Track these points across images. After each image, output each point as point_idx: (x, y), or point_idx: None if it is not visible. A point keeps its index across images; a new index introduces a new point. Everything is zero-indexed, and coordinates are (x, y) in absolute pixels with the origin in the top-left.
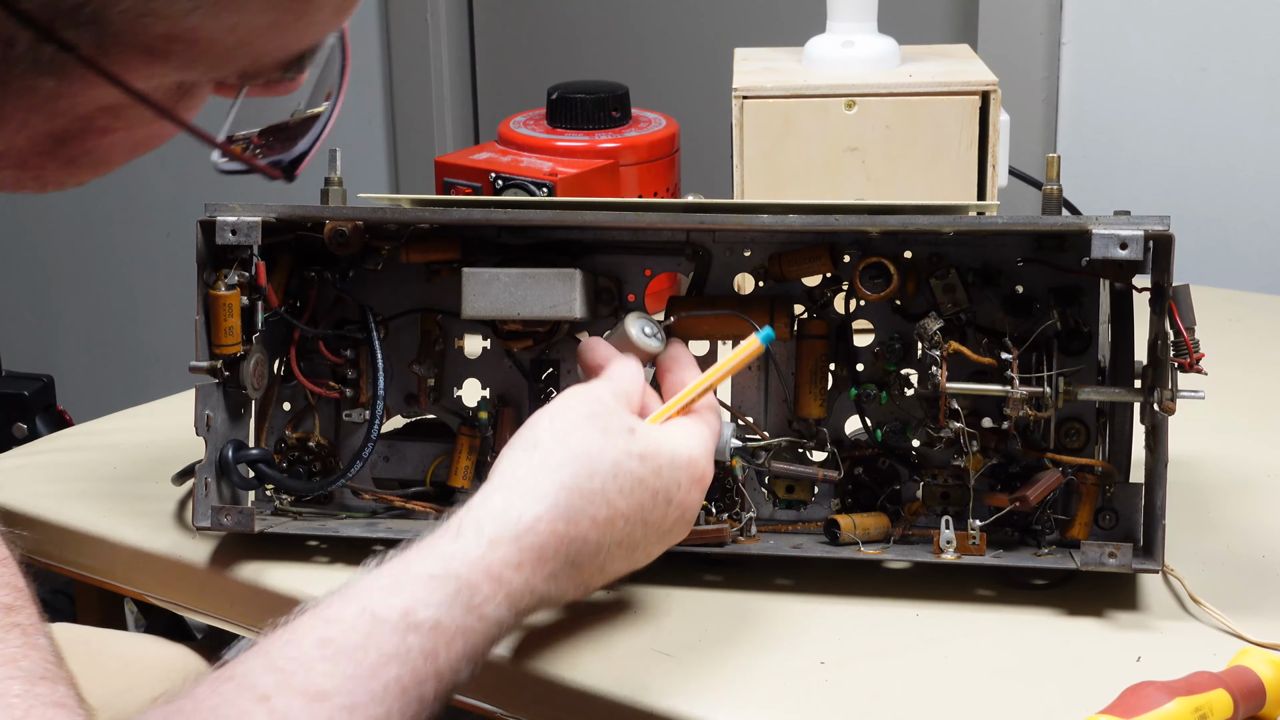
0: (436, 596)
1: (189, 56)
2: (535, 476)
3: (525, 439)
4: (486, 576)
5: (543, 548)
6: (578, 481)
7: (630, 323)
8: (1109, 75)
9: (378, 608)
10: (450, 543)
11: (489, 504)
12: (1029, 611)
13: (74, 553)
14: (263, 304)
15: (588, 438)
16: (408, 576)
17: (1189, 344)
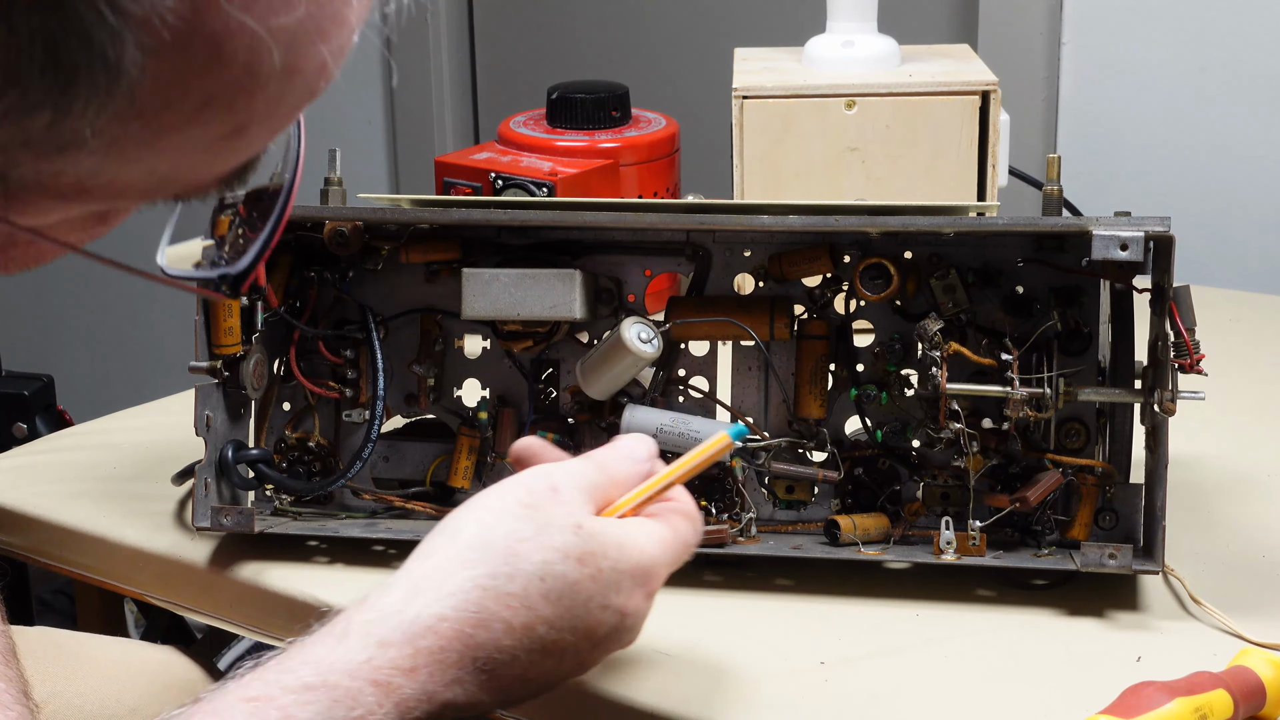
0: (307, 712)
1: (108, 197)
2: (446, 570)
3: (449, 523)
4: (372, 684)
5: (443, 651)
6: (497, 583)
7: (626, 328)
8: (1109, 75)
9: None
10: (332, 647)
11: (385, 600)
12: (1029, 612)
13: (74, 553)
14: (263, 304)
15: (518, 531)
16: (277, 689)
17: (1189, 345)
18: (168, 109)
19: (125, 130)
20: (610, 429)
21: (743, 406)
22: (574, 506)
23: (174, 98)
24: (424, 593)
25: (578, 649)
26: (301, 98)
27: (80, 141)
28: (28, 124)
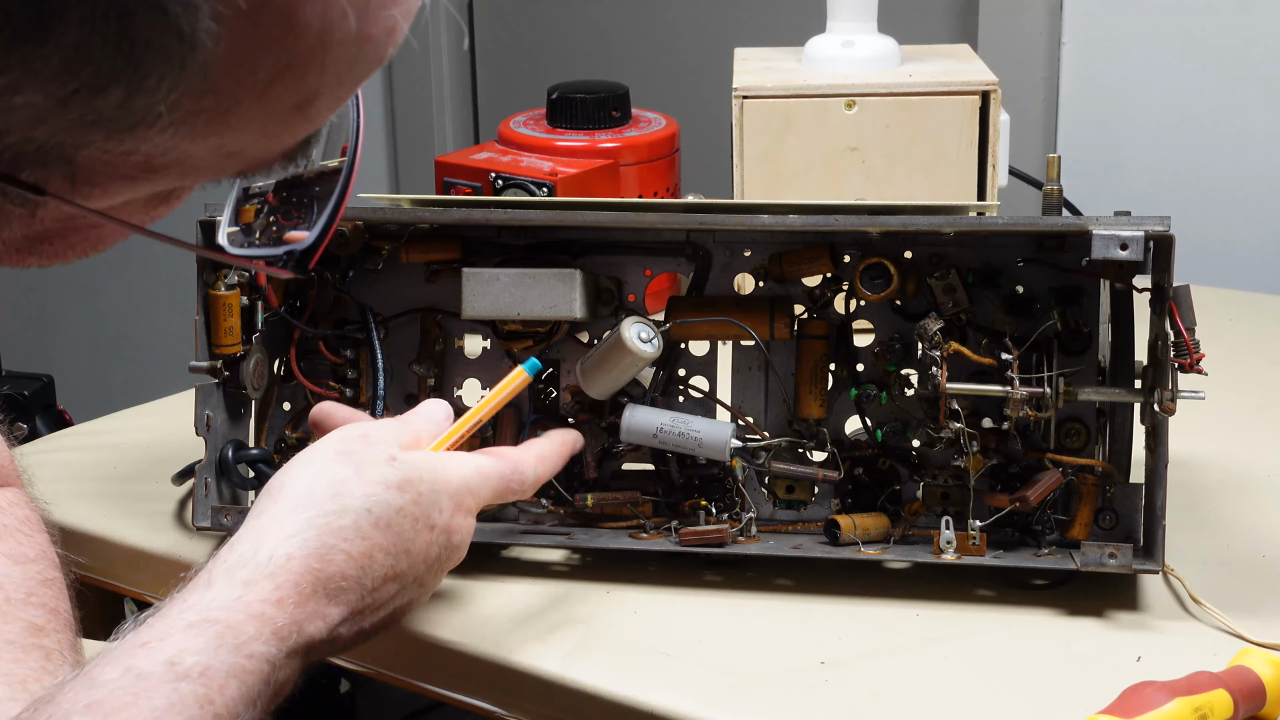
0: (199, 643)
1: (174, 176)
2: (281, 519)
3: (272, 485)
4: (248, 616)
5: (298, 584)
6: (327, 519)
7: (626, 328)
8: (1109, 75)
9: (140, 664)
10: (203, 592)
11: (236, 551)
12: (1029, 612)
13: (74, 553)
14: (263, 304)
15: (338, 474)
16: (164, 630)
17: (1189, 344)
18: (240, 81)
19: (198, 105)
20: (610, 429)
21: (743, 406)
22: (386, 446)
23: (247, 69)
24: (268, 538)
25: (414, 571)
26: (371, 64)
27: (152, 119)
28: (99, 102)
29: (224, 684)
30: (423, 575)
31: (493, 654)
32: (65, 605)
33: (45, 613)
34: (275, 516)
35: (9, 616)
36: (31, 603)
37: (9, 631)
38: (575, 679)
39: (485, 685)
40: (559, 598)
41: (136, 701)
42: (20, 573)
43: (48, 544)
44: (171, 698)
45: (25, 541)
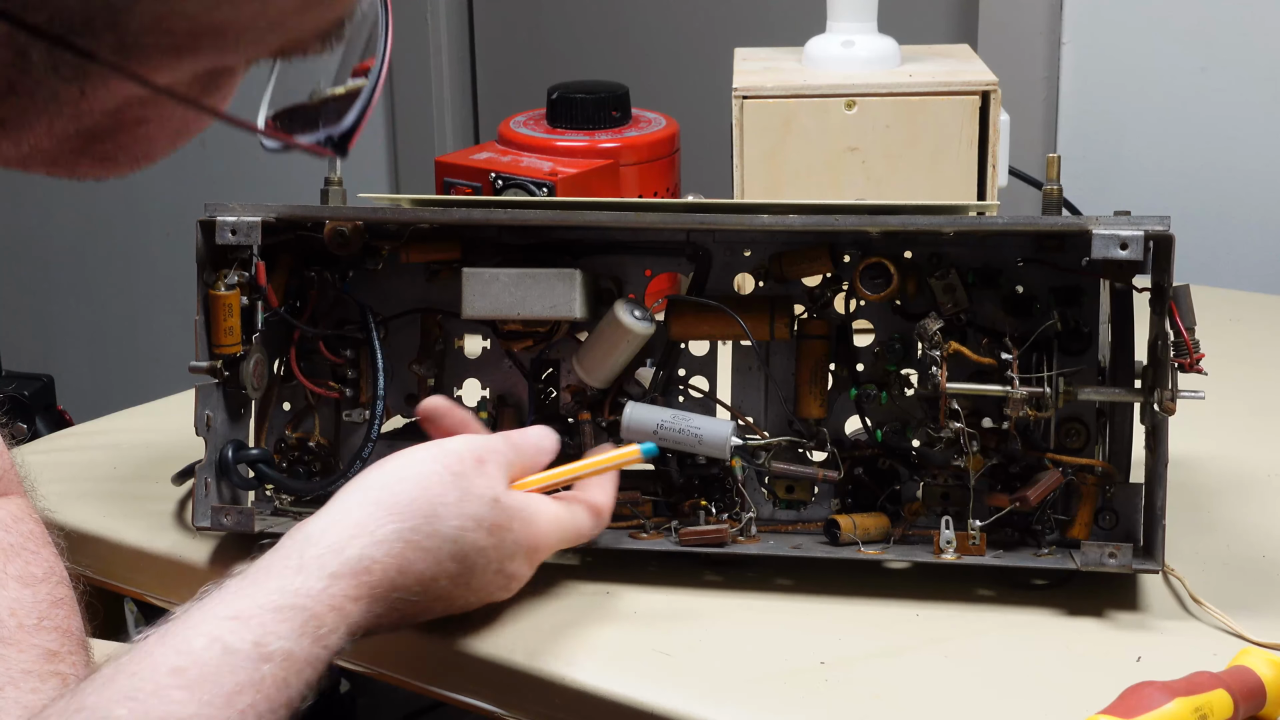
0: (285, 628)
1: (218, 47)
2: (378, 518)
3: (383, 474)
4: (330, 609)
5: (375, 586)
6: (418, 537)
7: (620, 308)
8: (1109, 75)
9: (229, 639)
10: (292, 576)
11: (327, 538)
12: (1029, 612)
13: (74, 553)
14: (263, 304)
15: (442, 494)
16: (255, 608)
17: (1189, 344)
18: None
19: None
20: (611, 427)
21: (743, 406)
22: (495, 479)
23: None
24: (360, 537)
25: (465, 599)
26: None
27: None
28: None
29: (300, 669)
30: (467, 604)
31: (493, 654)
32: (77, 623)
33: (59, 636)
34: (371, 515)
35: (24, 644)
36: (45, 627)
37: (24, 660)
38: (575, 679)
39: (485, 685)
40: (559, 598)
41: (219, 675)
42: (31, 596)
43: (55, 559)
44: (254, 677)
45: (33, 560)
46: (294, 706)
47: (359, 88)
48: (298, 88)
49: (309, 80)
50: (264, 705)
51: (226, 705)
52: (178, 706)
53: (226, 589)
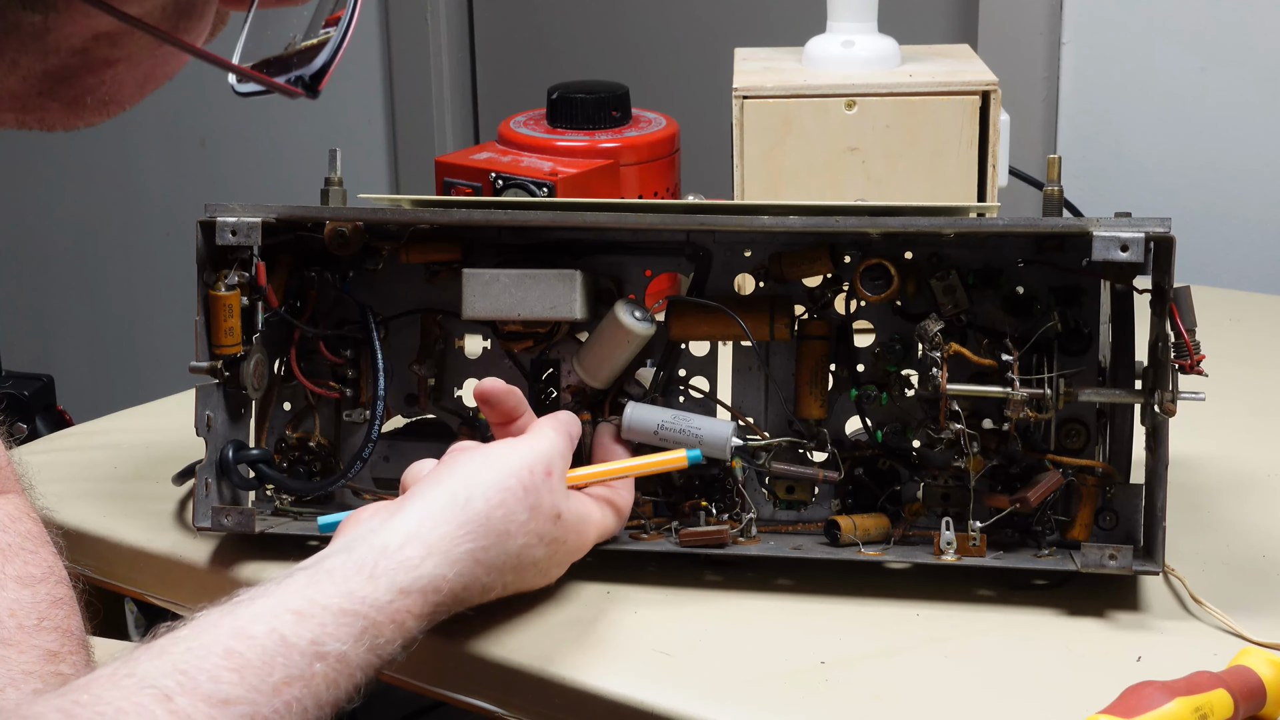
0: (345, 632)
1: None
2: (454, 538)
3: (458, 489)
4: (391, 622)
5: (439, 604)
6: (488, 556)
7: (620, 308)
8: (1109, 75)
9: (287, 632)
10: (362, 583)
11: (404, 552)
12: (1029, 612)
13: (74, 553)
14: (263, 304)
15: (515, 514)
16: (318, 608)
17: (1189, 345)
18: None
19: None
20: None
21: (743, 406)
22: (559, 494)
23: None
24: (434, 555)
25: (503, 595)
26: None
27: None
28: None
29: (352, 673)
30: (502, 596)
31: (493, 654)
32: (77, 623)
33: (59, 636)
34: (448, 535)
35: (24, 646)
36: (45, 628)
37: (25, 661)
38: (575, 679)
39: (485, 685)
40: (559, 598)
41: (272, 664)
42: (30, 596)
43: (54, 558)
44: (305, 671)
45: (31, 560)
46: (339, 706)
47: (330, 37)
48: (273, 40)
49: (284, 34)
50: (310, 701)
51: (274, 694)
52: (227, 687)
53: (294, 581)
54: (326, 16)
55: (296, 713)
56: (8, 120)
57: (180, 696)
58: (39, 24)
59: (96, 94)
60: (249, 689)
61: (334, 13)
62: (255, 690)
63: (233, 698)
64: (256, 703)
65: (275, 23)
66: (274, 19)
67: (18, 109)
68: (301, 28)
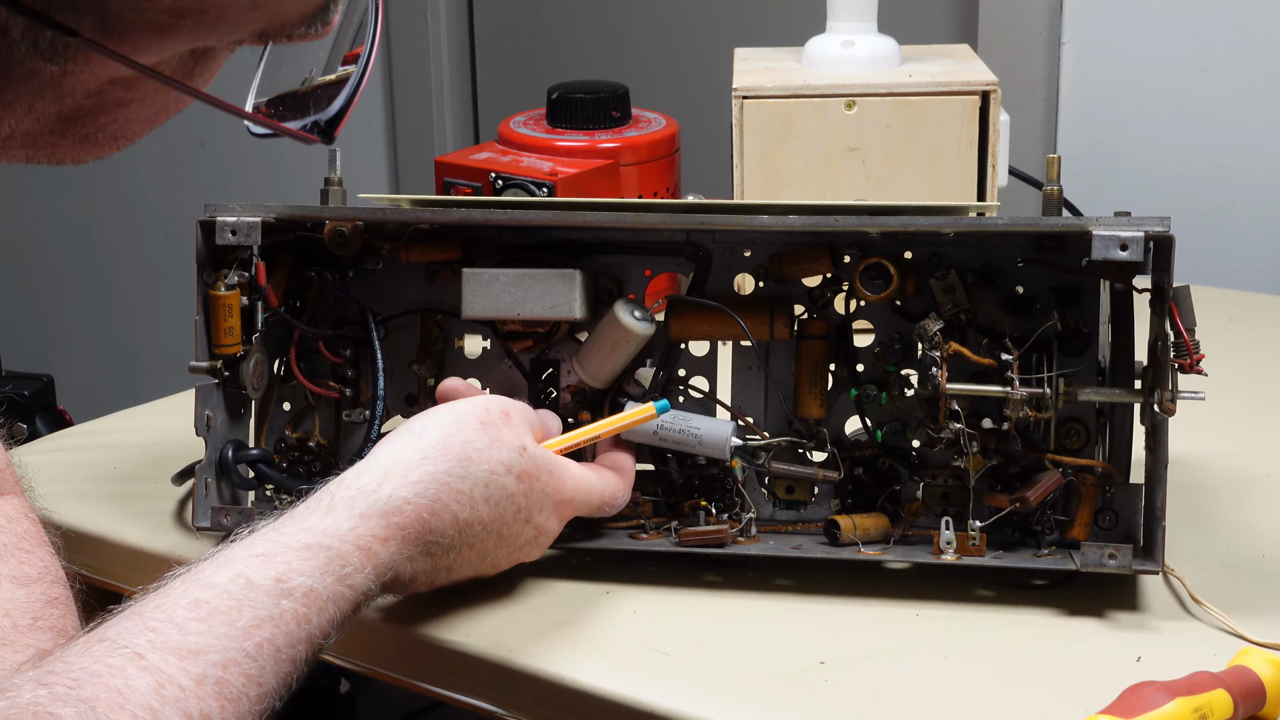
0: (309, 565)
1: (200, 27)
2: (411, 462)
3: (415, 425)
4: (356, 549)
5: (406, 528)
6: (451, 480)
7: (620, 308)
8: (1109, 75)
9: (251, 574)
10: (322, 516)
11: (361, 479)
12: (1029, 612)
13: (74, 553)
14: (263, 304)
15: (474, 440)
16: (281, 547)
17: (1189, 345)
18: None
19: None
20: None
21: (743, 406)
22: (520, 432)
23: None
24: (393, 478)
25: (494, 553)
26: None
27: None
28: None
29: (322, 607)
30: (498, 558)
31: (493, 654)
32: (73, 623)
33: (54, 636)
34: (404, 459)
35: (18, 645)
36: (39, 627)
37: (19, 660)
38: (575, 679)
39: (485, 685)
40: (559, 598)
41: (239, 608)
42: (25, 595)
43: (51, 558)
44: (273, 611)
45: (27, 559)
46: (315, 643)
47: (349, 75)
48: (289, 75)
49: (301, 68)
50: (282, 639)
51: (244, 637)
52: (195, 637)
53: (257, 532)
54: (345, 53)
55: (269, 653)
56: (17, 156)
57: (151, 653)
58: (55, 73)
59: (108, 131)
60: (218, 636)
61: (353, 49)
62: (224, 637)
63: (202, 647)
64: (227, 649)
65: (291, 59)
66: (290, 54)
67: (29, 146)
68: (320, 63)
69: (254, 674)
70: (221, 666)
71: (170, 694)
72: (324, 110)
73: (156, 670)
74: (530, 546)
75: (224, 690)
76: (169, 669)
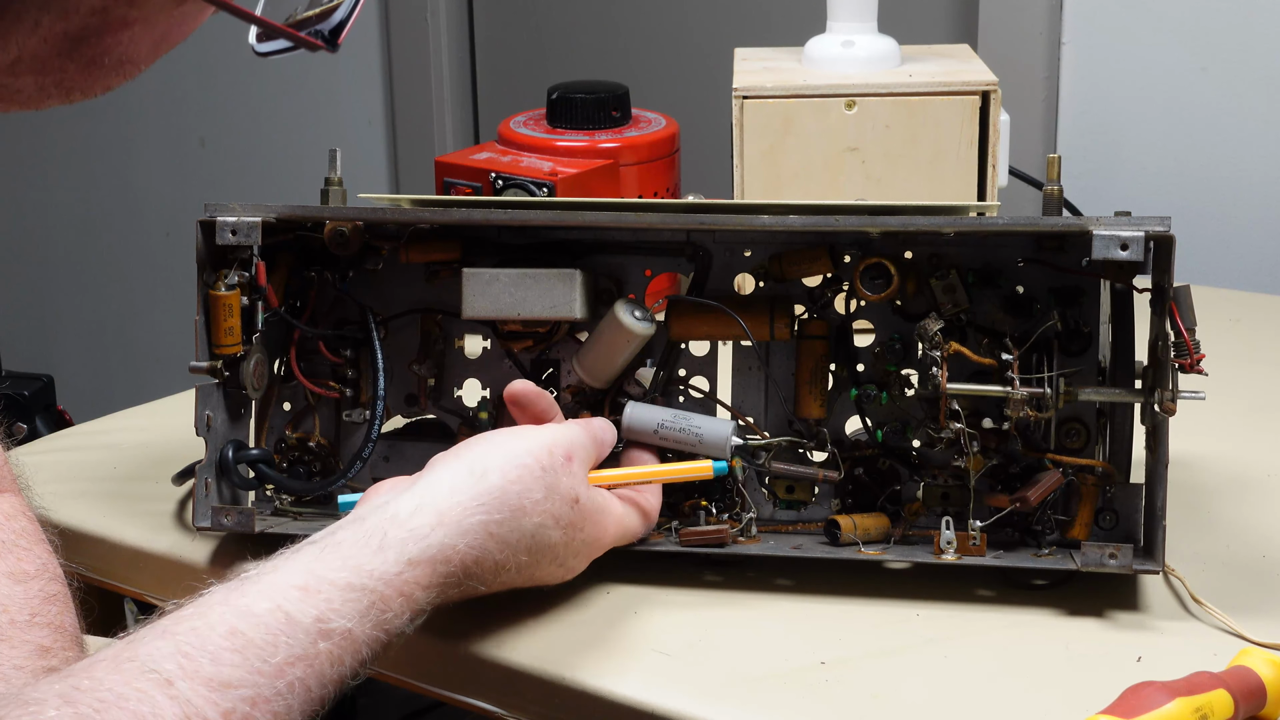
0: (350, 608)
1: None
2: (467, 509)
3: (476, 461)
4: (399, 594)
5: (449, 576)
6: (502, 530)
7: (620, 308)
8: (1109, 75)
9: (291, 609)
10: (370, 555)
11: (415, 521)
12: (1029, 612)
13: (74, 553)
14: (263, 304)
15: (531, 491)
16: (324, 583)
17: (1189, 345)
18: None
19: None
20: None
21: (743, 406)
22: (578, 479)
23: None
24: (446, 524)
25: (518, 584)
26: None
27: None
28: None
29: (357, 650)
30: (519, 586)
31: (493, 654)
32: (71, 620)
33: (51, 632)
34: (461, 504)
35: (15, 641)
36: (37, 623)
37: (16, 656)
38: (575, 679)
39: (485, 685)
40: (559, 598)
41: (276, 643)
42: (22, 592)
43: (48, 555)
44: (309, 650)
45: (25, 556)
46: (344, 683)
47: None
48: (289, 6)
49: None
50: (314, 680)
51: (276, 675)
52: (228, 669)
53: (301, 556)
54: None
55: (299, 692)
56: (27, 85)
57: (181, 681)
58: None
59: (114, 54)
60: (251, 671)
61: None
62: (257, 672)
63: (234, 680)
64: (259, 685)
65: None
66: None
67: (37, 71)
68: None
69: (281, 712)
70: (251, 703)
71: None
72: (327, 21)
73: (185, 701)
74: (552, 578)
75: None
76: (197, 700)
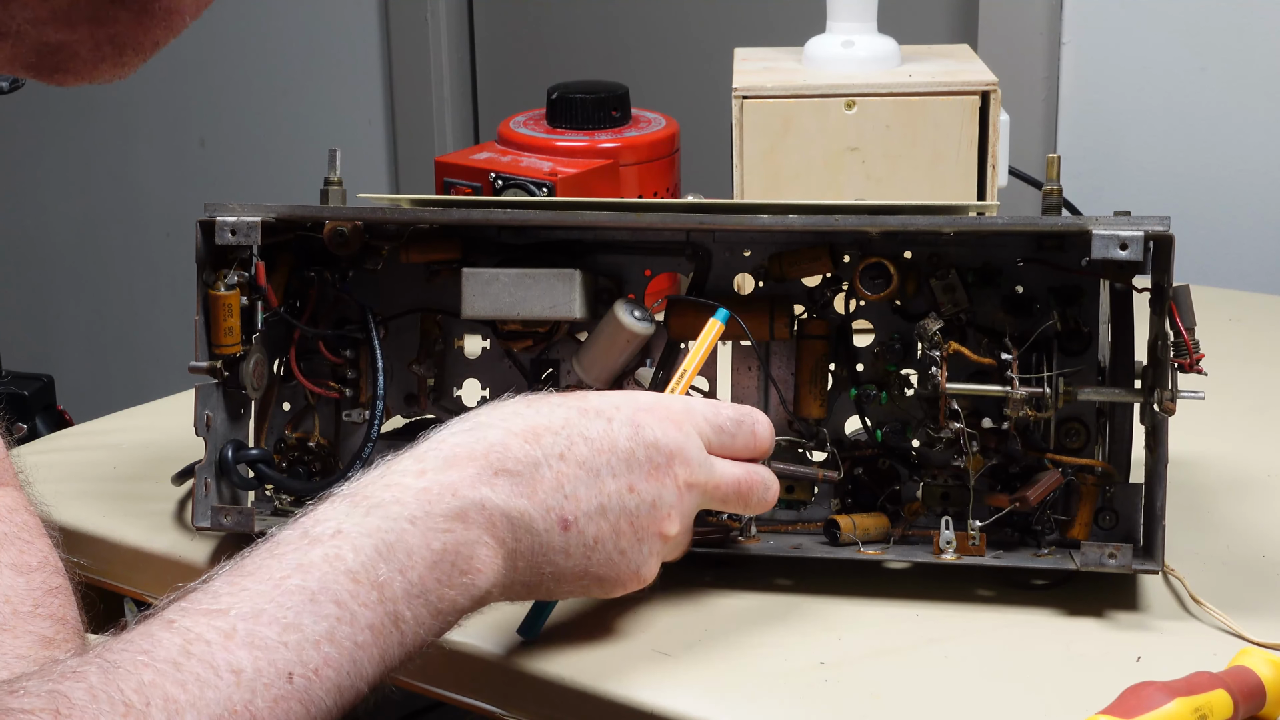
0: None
1: None
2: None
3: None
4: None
5: (449, 457)
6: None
7: (620, 308)
8: (1109, 75)
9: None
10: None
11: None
12: (1029, 612)
13: (74, 553)
14: (262, 304)
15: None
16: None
17: (1189, 344)
18: None
19: None
20: None
21: None
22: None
23: None
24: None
25: (601, 496)
26: None
27: None
28: None
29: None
30: (616, 521)
31: (493, 654)
32: (73, 612)
33: (53, 623)
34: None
35: (18, 631)
36: (39, 614)
37: (20, 646)
38: (576, 679)
39: (485, 685)
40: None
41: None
42: (25, 583)
43: (50, 549)
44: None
45: (27, 549)
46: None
47: None
48: None
49: None
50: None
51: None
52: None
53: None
54: None
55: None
56: (83, 38)
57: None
58: None
59: (162, 2)
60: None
61: None
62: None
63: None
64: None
65: None
66: None
67: (91, 20)
68: None
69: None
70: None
71: None
72: None
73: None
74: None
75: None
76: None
